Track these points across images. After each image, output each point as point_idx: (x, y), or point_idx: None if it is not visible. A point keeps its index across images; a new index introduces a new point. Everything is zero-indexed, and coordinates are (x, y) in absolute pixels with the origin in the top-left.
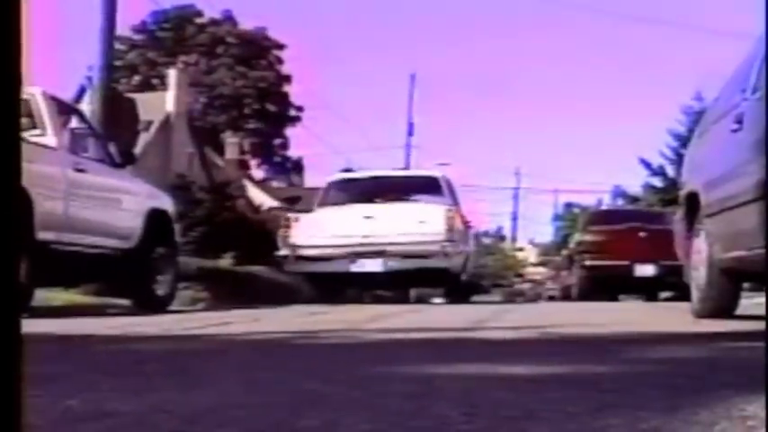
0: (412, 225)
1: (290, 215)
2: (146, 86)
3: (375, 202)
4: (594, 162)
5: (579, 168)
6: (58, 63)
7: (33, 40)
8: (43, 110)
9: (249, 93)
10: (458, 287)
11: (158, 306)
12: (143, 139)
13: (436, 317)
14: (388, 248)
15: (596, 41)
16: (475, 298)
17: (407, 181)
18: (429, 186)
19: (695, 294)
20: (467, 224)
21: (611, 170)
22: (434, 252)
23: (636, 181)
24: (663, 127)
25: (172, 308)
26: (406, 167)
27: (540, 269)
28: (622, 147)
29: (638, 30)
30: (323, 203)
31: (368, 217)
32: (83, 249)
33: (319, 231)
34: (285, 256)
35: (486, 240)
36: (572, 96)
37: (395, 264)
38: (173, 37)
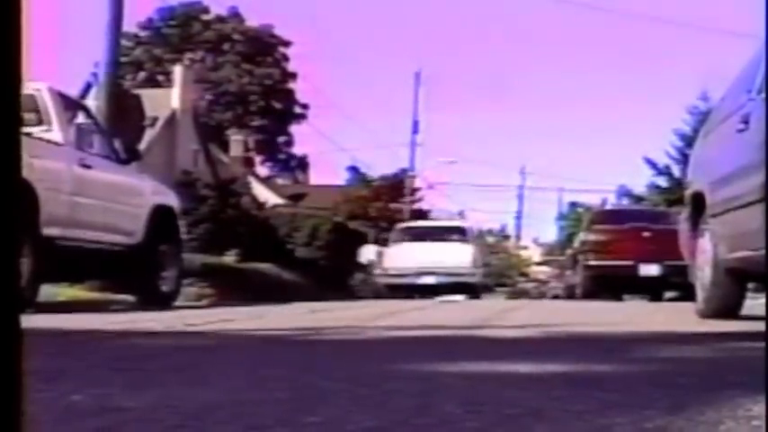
0: (451, 256)
1: (382, 248)
2: (151, 83)
3: (426, 241)
4: (600, 161)
5: (584, 167)
6: (65, 59)
7: (40, 36)
8: (49, 105)
9: (254, 90)
10: (477, 293)
11: (163, 302)
12: (148, 135)
13: (441, 315)
14: (438, 270)
15: (602, 40)
16: (482, 296)
17: (446, 229)
18: (459, 232)
19: (700, 294)
20: (483, 253)
21: (617, 169)
22: (465, 273)
23: (641, 180)
24: (668, 126)
25: (176, 304)
26: (411, 167)
27: (544, 268)
28: (628, 146)
29: (644, 28)
30: (395, 241)
31: (424, 251)
32: (88, 245)
33: (397, 258)
34: (378, 274)
35: (490, 239)
36: (577, 95)
37: (442, 279)
38: (179, 34)
